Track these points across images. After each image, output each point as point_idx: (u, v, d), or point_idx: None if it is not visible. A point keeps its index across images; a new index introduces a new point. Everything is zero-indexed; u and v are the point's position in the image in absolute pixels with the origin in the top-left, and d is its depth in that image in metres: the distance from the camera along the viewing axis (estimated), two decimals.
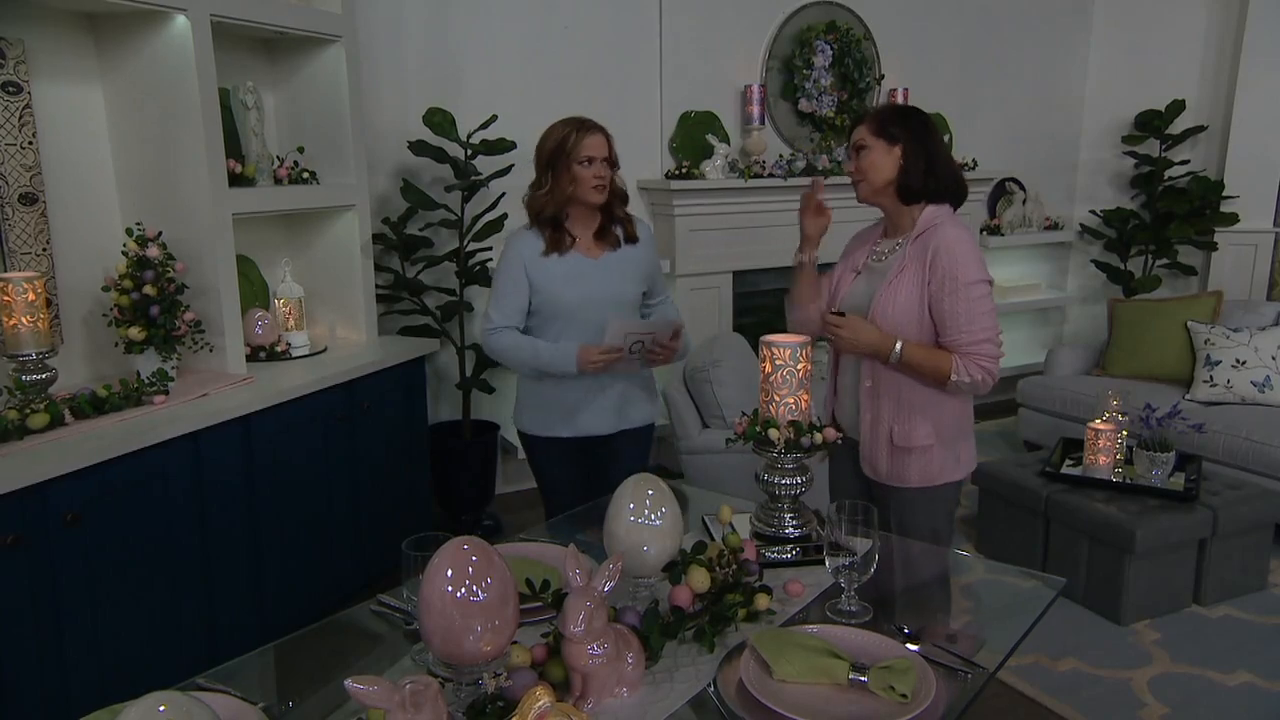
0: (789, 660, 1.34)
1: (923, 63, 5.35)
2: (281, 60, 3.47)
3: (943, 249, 2.11)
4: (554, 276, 2.52)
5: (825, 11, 5.02)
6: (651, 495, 1.58)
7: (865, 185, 2.22)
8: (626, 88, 4.58)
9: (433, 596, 1.23)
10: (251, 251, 3.43)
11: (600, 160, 2.47)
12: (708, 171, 4.63)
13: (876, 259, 2.28)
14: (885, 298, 2.16)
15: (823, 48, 4.96)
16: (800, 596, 1.65)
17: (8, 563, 2.10)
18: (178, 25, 2.74)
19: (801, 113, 5.04)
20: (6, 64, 2.56)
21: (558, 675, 1.33)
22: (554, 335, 2.54)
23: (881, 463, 2.25)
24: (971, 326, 2.09)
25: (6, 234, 2.61)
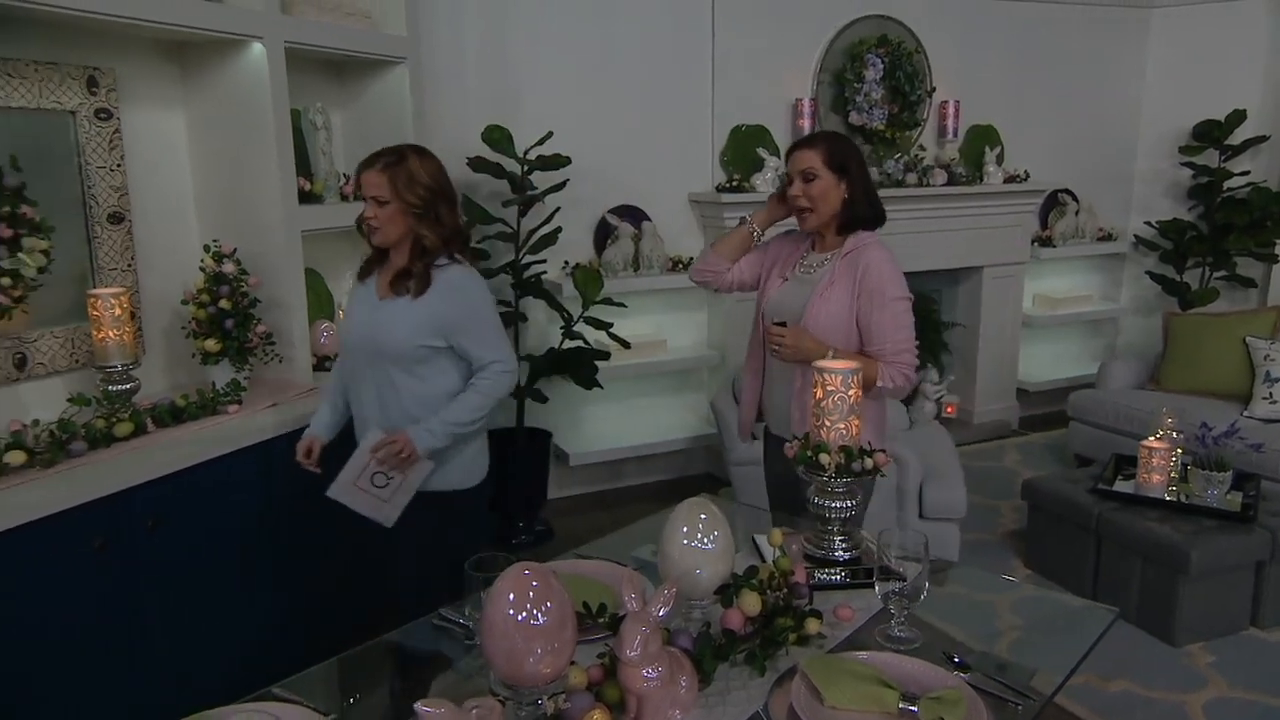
0: (840, 687, 1.34)
1: (974, 74, 5.29)
2: (349, 81, 3.54)
3: (871, 268, 2.30)
4: (350, 306, 2.43)
5: (877, 25, 4.99)
6: (705, 519, 1.60)
7: (815, 216, 2.36)
8: (678, 103, 4.60)
9: (495, 619, 1.26)
10: (318, 265, 3.50)
11: (370, 199, 2.23)
12: (758, 184, 4.63)
13: (805, 270, 2.43)
14: (817, 307, 2.32)
15: (874, 61, 4.93)
16: (850, 621, 1.65)
17: (96, 567, 2.19)
18: (254, 52, 2.82)
19: (852, 125, 5.01)
20: (99, 92, 2.65)
21: (613, 696, 1.35)
22: (347, 373, 2.42)
23: None
24: (896, 337, 2.29)
25: (96, 251, 2.71)
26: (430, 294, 2.24)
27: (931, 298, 5.36)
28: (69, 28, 2.54)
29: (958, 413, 5.45)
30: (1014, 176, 5.30)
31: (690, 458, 4.83)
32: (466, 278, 2.31)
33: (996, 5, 5.29)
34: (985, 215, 5.28)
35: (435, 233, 2.26)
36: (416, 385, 2.29)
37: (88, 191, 2.67)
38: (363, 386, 2.34)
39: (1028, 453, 5.13)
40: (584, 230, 4.46)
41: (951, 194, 5.10)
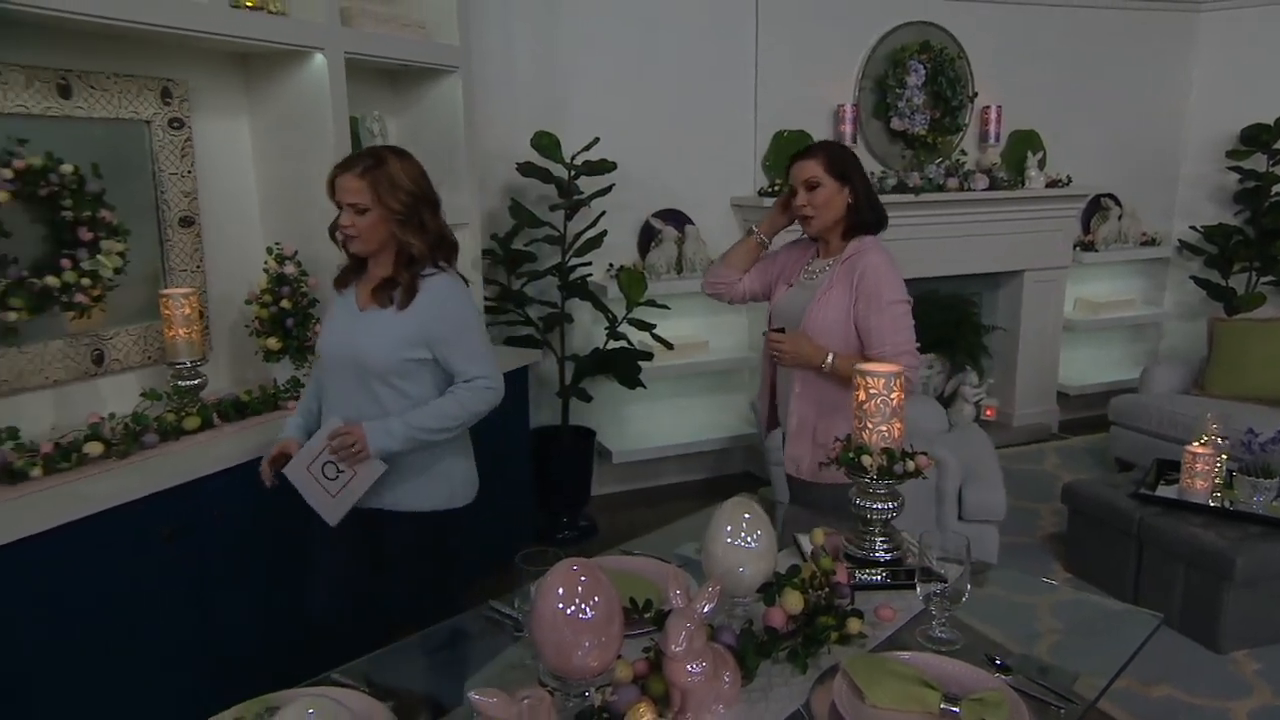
0: (882, 687, 1.33)
1: (1016, 79, 5.20)
2: (404, 90, 3.59)
3: (868, 272, 2.29)
4: (330, 317, 2.25)
5: (919, 31, 4.93)
6: (748, 519, 1.60)
7: (818, 221, 2.36)
8: (722, 109, 4.60)
9: (545, 613, 1.28)
10: None
11: (348, 206, 2.07)
12: None
13: (809, 276, 2.43)
14: (816, 311, 2.32)
15: (916, 67, 4.87)
16: (891, 621, 1.63)
17: (165, 555, 2.25)
18: (316, 62, 2.87)
19: (893, 131, 4.96)
20: (172, 102, 2.73)
21: (658, 690, 1.35)
22: (324, 386, 2.26)
23: (804, 460, 2.39)
24: (895, 339, 2.26)
25: (168, 253, 2.78)
26: (415, 305, 2.10)
27: (971, 301, 5.28)
28: (146, 43, 2.61)
29: (997, 416, 5.36)
30: (1056, 181, 5.21)
31: (729, 457, 4.83)
32: (453, 288, 2.16)
33: (1039, 10, 5.20)
34: (1026, 220, 5.19)
35: (421, 240, 2.11)
36: (398, 400, 2.13)
37: (160, 196, 2.74)
38: (341, 399, 2.17)
39: (1067, 456, 5.03)
40: (628, 233, 4.47)
41: (992, 198, 5.02)
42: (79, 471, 2.22)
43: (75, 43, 2.46)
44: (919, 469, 1.81)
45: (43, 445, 2.22)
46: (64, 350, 2.51)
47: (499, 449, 3.53)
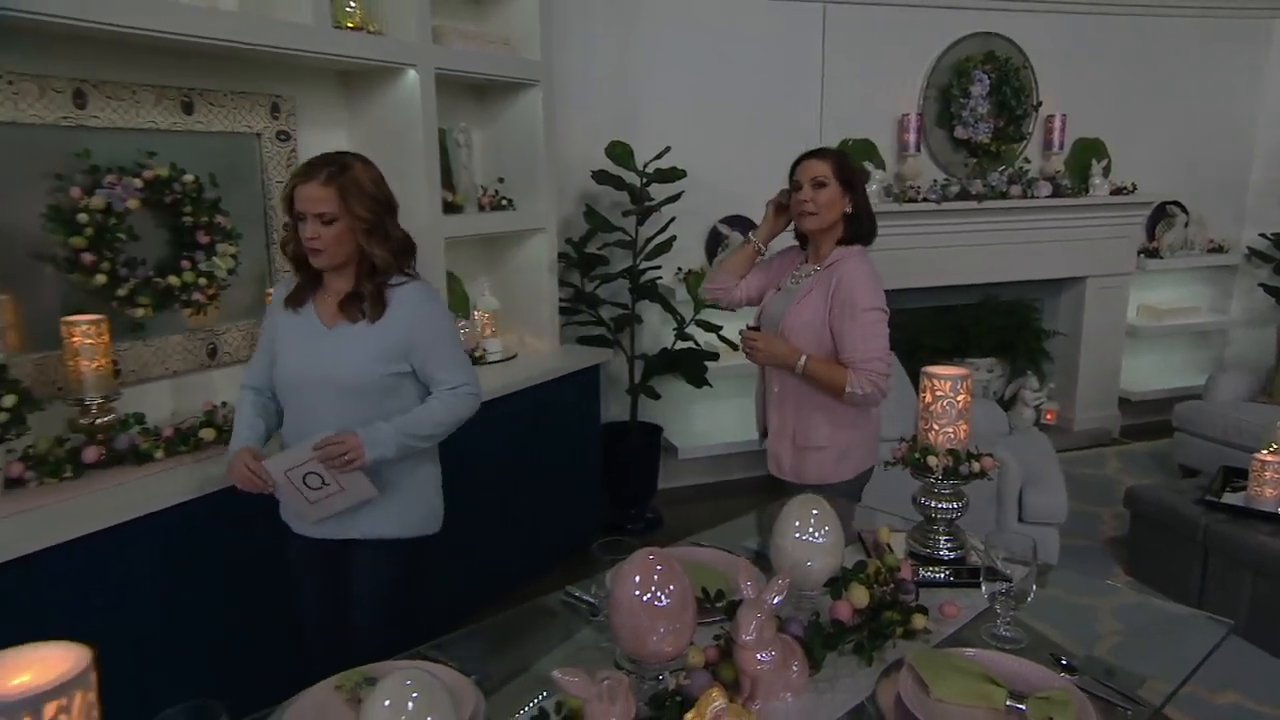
0: (947, 681, 1.31)
1: (1082, 88, 5.04)
2: (489, 103, 3.65)
3: (845, 278, 2.25)
4: (285, 338, 1.96)
5: (983, 42, 4.82)
6: (816, 515, 1.58)
7: (818, 219, 2.30)
8: (788, 118, 4.55)
9: (622, 599, 1.29)
10: (457, 268, 3.63)
11: (313, 218, 1.82)
12: None
13: (794, 281, 2.40)
14: (793, 315, 2.30)
15: (980, 77, 4.76)
16: (956, 618, 1.60)
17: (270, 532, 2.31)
18: (409, 78, 2.94)
19: (957, 139, 4.85)
20: (280, 116, 2.82)
21: (728, 676, 1.35)
22: (288, 413, 2.00)
23: (785, 460, 2.40)
24: (864, 345, 2.21)
25: (274, 256, 2.88)
26: (389, 316, 1.91)
27: (1033, 306, 5.14)
28: (259, 62, 2.71)
29: (1057, 420, 5.20)
30: (1121, 188, 5.03)
31: None
32: (427, 295, 1.99)
33: (1106, 19, 5.02)
34: (1090, 227, 5.02)
35: (385, 249, 1.90)
36: (379, 418, 1.90)
37: (268, 203, 2.84)
38: (313, 424, 1.89)
39: (1129, 461, 4.86)
40: (696, 238, 4.47)
41: (1055, 206, 4.88)
42: (195, 454, 2.31)
43: (197, 64, 2.57)
44: (984, 470, 1.78)
45: (164, 430, 2.33)
46: (183, 344, 2.62)
47: (571, 443, 3.58)
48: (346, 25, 2.74)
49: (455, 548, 2.96)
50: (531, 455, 3.33)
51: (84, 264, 2.28)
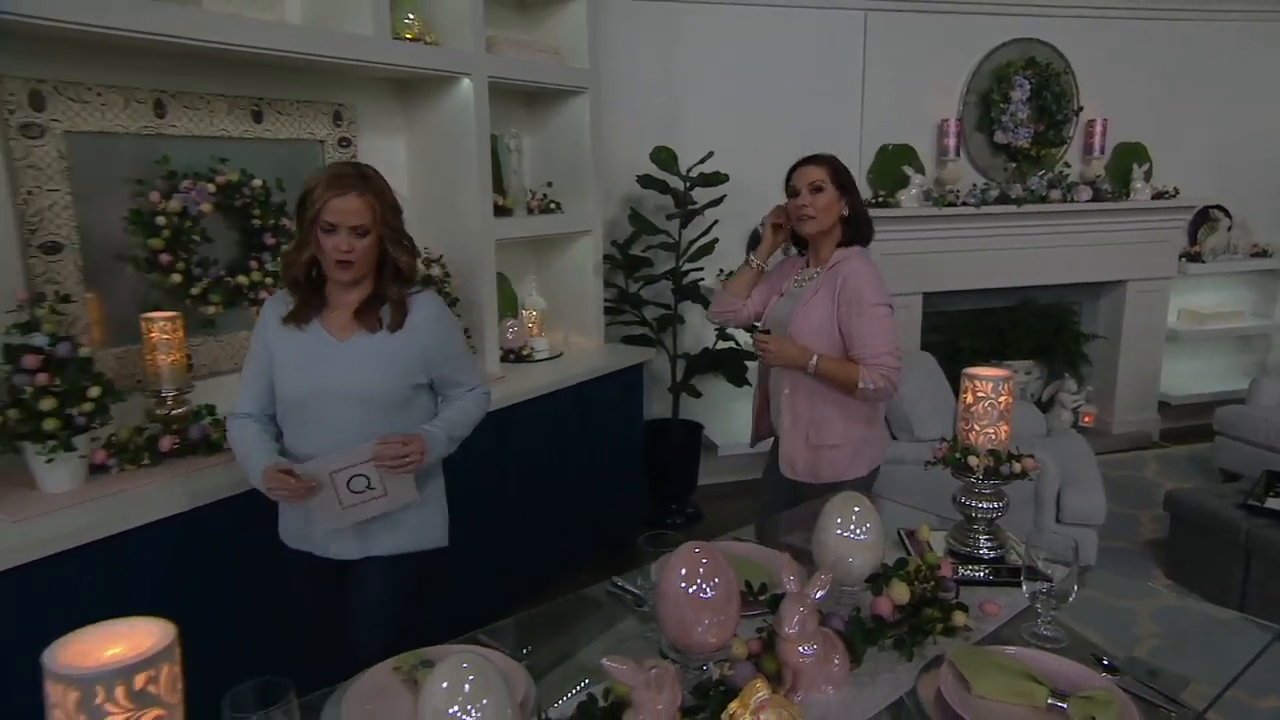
0: (988, 678, 1.29)
1: (1124, 92, 4.93)
2: (538, 109, 3.68)
3: (851, 277, 2.25)
4: (288, 355, 1.83)
5: (1024, 48, 4.73)
6: (858, 512, 1.57)
7: (816, 222, 2.30)
8: (829, 124, 4.52)
9: (669, 591, 1.29)
10: (506, 269, 3.66)
11: (347, 230, 1.73)
12: (903, 200, 4.49)
13: (797, 285, 2.40)
14: (801, 316, 2.29)
15: (1021, 82, 4.68)
16: (996, 616, 1.58)
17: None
18: (463, 87, 2.98)
19: (996, 144, 4.77)
20: (343, 124, 2.88)
21: (770, 668, 1.35)
22: (293, 430, 1.85)
23: (799, 460, 2.35)
24: (874, 341, 2.21)
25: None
26: (409, 325, 1.83)
27: (1071, 309, 5.03)
28: (323, 73, 2.76)
29: (1096, 422, 5.09)
30: (1162, 193, 4.91)
31: None
32: (440, 303, 1.93)
33: (1150, 25, 4.90)
34: (1130, 230, 4.91)
35: (409, 255, 1.86)
36: (400, 431, 1.81)
37: None
38: (332, 439, 1.79)
39: (1169, 464, 4.73)
40: (738, 240, 4.44)
41: (1095, 210, 4.77)
42: None
43: (266, 75, 2.63)
44: (1025, 471, 1.75)
45: None
46: (249, 339, 2.67)
47: (615, 439, 3.59)
48: (405, 36, 2.78)
49: (502, 539, 3.01)
50: (576, 451, 3.35)
51: (161, 264, 2.36)
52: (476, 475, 2.86)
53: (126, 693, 0.77)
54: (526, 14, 3.60)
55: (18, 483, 2.03)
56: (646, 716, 1.13)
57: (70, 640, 0.80)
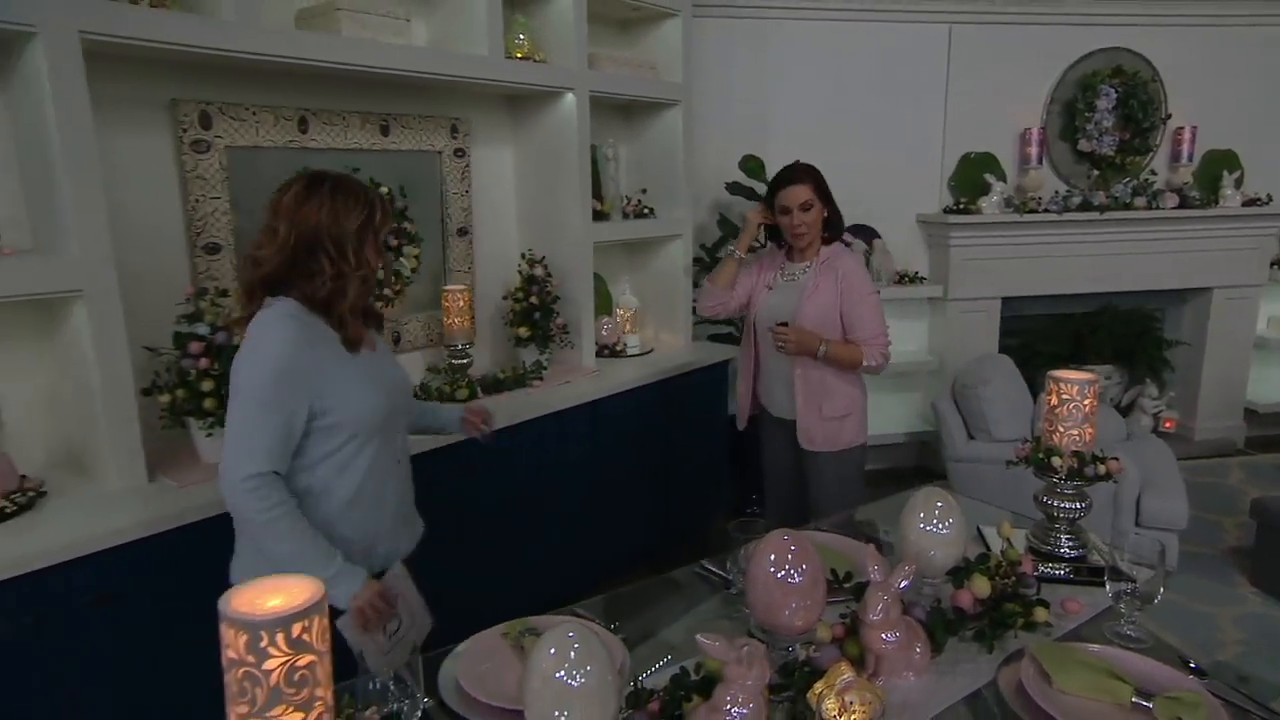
0: (1070, 674, 1.25)
1: (1214, 100, 4.62)
2: (634, 121, 3.70)
3: (848, 272, 2.46)
4: (357, 376, 1.57)
5: (1110, 57, 4.49)
6: (940, 507, 1.54)
7: (809, 235, 2.48)
8: (912, 132, 4.40)
9: (758, 575, 1.29)
10: (602, 270, 3.69)
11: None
12: (984, 207, 4.33)
13: (789, 278, 2.54)
14: (808, 308, 2.44)
15: (1107, 91, 4.45)
16: (1078, 614, 1.52)
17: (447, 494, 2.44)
18: (567, 100, 3.02)
19: (1080, 152, 4.55)
20: (458, 136, 2.96)
21: (854, 652, 1.33)
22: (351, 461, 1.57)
23: (816, 432, 2.51)
24: (873, 325, 2.43)
25: (448, 257, 3.02)
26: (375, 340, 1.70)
27: (1154, 315, 4.76)
28: (443, 90, 2.84)
29: (1177, 428, 4.81)
30: (1254, 200, 4.59)
31: (905, 451, 4.63)
32: None
33: (1242, 31, 4.58)
34: (1218, 238, 4.61)
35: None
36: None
37: (445, 211, 2.98)
38: (393, 458, 1.66)
39: (1254, 472, 4.43)
40: None
41: (1180, 216, 4.50)
42: None
43: (394, 92, 2.73)
44: (1110, 472, 1.68)
45: None
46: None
47: (700, 431, 3.59)
48: (516, 55, 2.84)
49: (592, 521, 3.04)
50: (663, 441, 3.36)
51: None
52: (571, 461, 2.91)
53: (286, 639, 0.82)
54: (626, 32, 3.62)
55: (184, 453, 2.16)
56: (737, 691, 1.13)
57: (239, 591, 0.85)
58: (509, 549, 2.72)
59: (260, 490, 1.44)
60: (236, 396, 1.47)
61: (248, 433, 1.45)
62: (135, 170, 2.17)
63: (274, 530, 1.44)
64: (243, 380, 1.47)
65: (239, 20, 2.07)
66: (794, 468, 2.62)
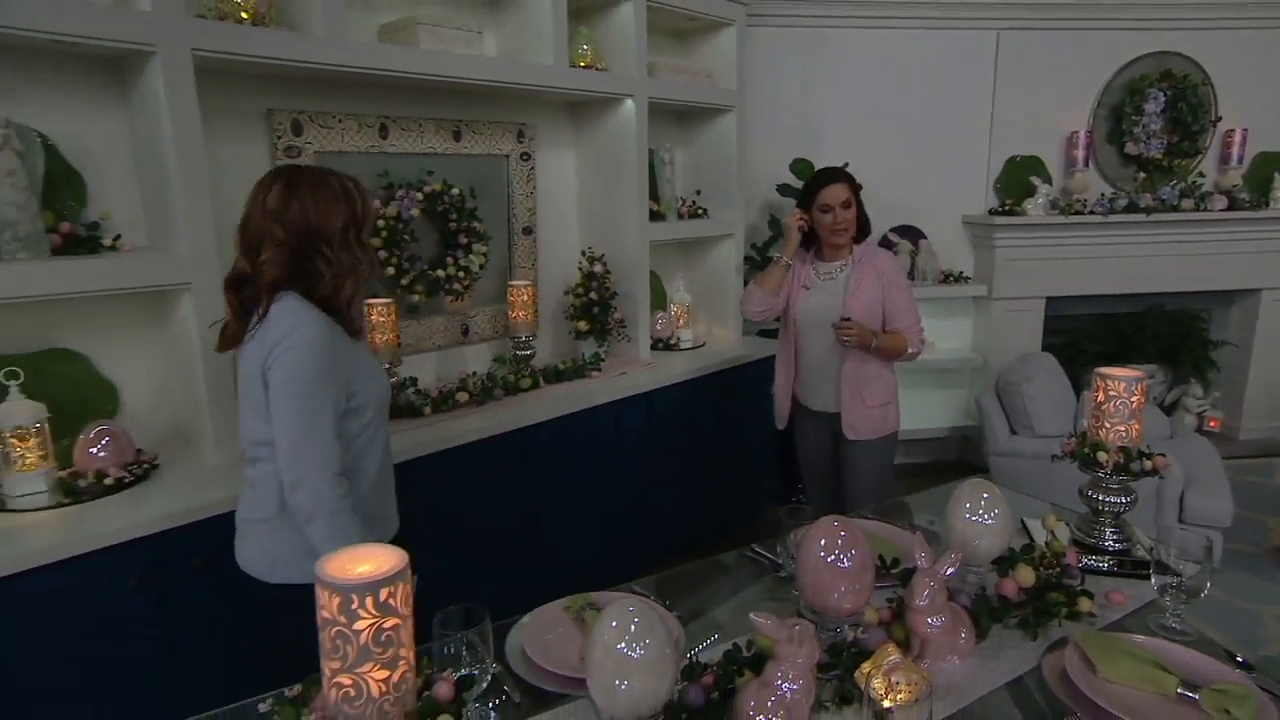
0: (1114, 663, 1.21)
1: (1265, 102, 4.40)
2: (690, 126, 3.68)
3: (885, 268, 2.48)
4: (369, 362, 1.61)
5: (1159, 61, 4.31)
6: (986, 498, 1.50)
7: (847, 233, 2.47)
8: (958, 135, 4.29)
9: (809, 558, 1.28)
10: (657, 267, 3.70)
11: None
12: (1029, 208, 4.20)
13: (827, 277, 2.52)
14: (854, 303, 2.43)
15: (1155, 95, 4.27)
16: (1122, 605, 1.47)
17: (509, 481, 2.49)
18: (626, 107, 3.02)
19: (1126, 155, 4.38)
20: (524, 141, 2.99)
21: (899, 635, 1.31)
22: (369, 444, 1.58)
23: (860, 423, 2.50)
24: (911, 315, 2.47)
25: (514, 254, 3.05)
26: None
27: (1200, 316, 4.56)
28: (511, 97, 2.87)
29: (1222, 428, 4.60)
30: None
31: (948, 445, 4.53)
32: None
33: None
34: (1268, 239, 4.39)
35: None
36: None
37: (511, 211, 3.01)
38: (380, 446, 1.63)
39: None
40: None
41: (1229, 218, 4.30)
42: (453, 414, 2.51)
43: (466, 100, 2.77)
44: (1156, 468, 1.62)
45: (432, 391, 2.54)
46: (444, 324, 2.84)
47: (749, 423, 3.56)
48: (580, 64, 2.85)
49: (645, 507, 3.05)
50: (714, 431, 3.35)
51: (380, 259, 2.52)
52: (627, 449, 2.93)
53: (374, 602, 0.84)
54: (684, 42, 3.61)
55: None
56: (787, 668, 1.12)
57: (332, 558, 0.88)
58: (568, 529, 2.75)
59: (342, 484, 1.43)
60: (292, 394, 1.41)
61: (316, 429, 1.42)
62: (235, 174, 2.24)
63: (344, 521, 1.42)
64: (294, 372, 1.41)
65: (328, 35, 2.12)
66: (832, 458, 2.62)
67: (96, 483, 1.86)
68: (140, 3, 1.84)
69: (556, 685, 1.23)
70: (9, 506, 1.78)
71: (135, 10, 1.83)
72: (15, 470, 1.80)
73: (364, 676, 0.85)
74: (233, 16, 2.01)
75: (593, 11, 3.01)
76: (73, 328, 2.01)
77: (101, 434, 1.93)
